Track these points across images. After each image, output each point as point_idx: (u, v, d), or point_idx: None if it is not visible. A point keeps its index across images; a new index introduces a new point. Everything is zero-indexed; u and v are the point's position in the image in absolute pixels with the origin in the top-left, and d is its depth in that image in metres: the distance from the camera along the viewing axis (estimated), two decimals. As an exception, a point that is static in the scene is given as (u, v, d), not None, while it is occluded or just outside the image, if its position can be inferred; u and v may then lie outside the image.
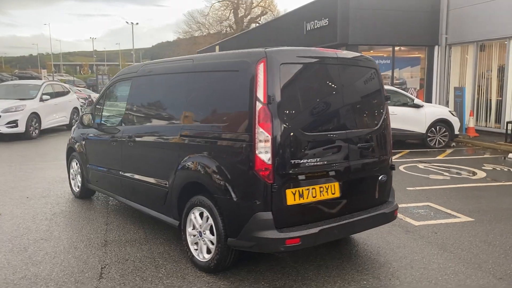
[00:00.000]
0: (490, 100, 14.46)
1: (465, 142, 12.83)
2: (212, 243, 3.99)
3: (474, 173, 8.72)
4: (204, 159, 4.03)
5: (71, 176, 6.95)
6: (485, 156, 11.09)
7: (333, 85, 4.06)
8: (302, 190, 3.69)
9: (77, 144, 6.57)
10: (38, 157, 10.68)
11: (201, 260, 4.13)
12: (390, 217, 4.32)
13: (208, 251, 4.07)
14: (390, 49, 16.36)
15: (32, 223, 5.58)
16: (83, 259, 4.43)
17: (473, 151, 11.89)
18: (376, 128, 4.29)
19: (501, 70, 13.92)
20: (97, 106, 6.17)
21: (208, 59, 4.41)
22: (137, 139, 5.06)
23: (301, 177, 3.70)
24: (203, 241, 4.11)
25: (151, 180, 4.80)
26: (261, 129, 3.54)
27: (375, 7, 15.40)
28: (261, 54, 3.66)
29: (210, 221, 3.98)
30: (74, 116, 16.38)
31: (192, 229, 4.25)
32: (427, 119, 11.63)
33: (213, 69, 4.19)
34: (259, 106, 3.56)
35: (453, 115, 12.12)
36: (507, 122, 12.32)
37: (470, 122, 13.68)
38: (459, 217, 5.83)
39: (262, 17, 58.07)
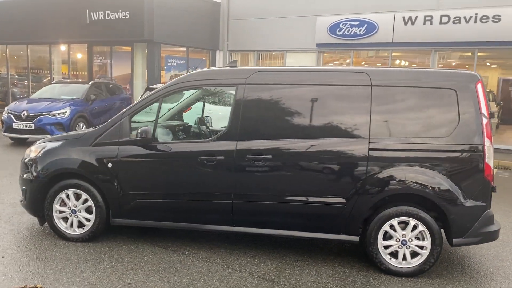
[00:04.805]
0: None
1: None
2: (421, 248, 4.37)
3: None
4: (414, 170, 4.31)
5: (57, 215, 4.87)
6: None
7: None
8: None
9: (90, 168, 4.73)
10: None
11: (405, 267, 4.42)
12: None
13: (413, 256, 4.40)
14: (185, 49, 17.01)
15: None
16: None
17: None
18: None
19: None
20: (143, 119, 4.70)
21: (397, 76, 4.54)
22: (273, 156, 4.48)
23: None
24: (408, 248, 4.39)
25: (313, 199, 4.46)
26: (488, 141, 4.30)
27: (174, 7, 15.68)
28: (477, 76, 4.42)
29: (421, 228, 4.34)
30: None
31: (385, 240, 4.43)
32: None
33: (410, 85, 4.43)
34: (485, 121, 4.31)
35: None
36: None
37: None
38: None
39: None
